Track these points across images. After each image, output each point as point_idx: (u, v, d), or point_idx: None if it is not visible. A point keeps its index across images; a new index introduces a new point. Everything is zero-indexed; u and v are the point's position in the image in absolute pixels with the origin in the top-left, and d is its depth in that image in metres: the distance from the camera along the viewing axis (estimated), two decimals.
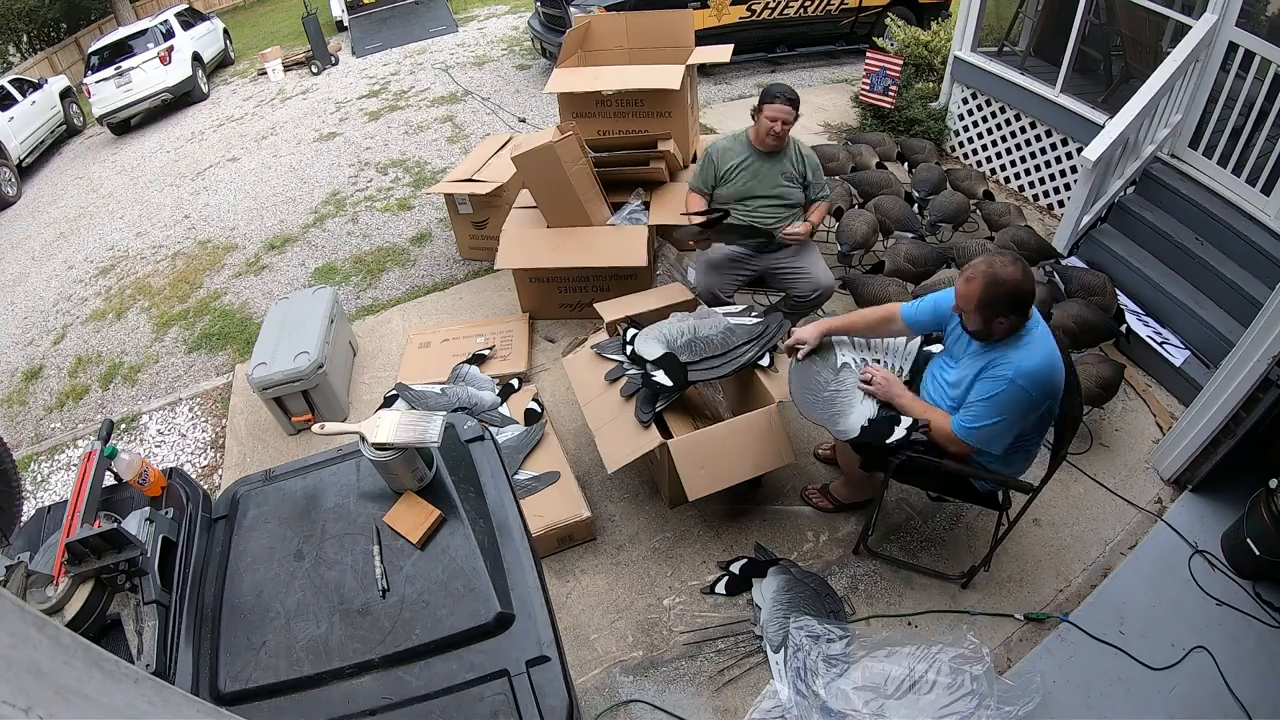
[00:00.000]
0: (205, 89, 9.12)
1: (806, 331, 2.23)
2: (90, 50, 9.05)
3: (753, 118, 2.75)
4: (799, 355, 2.24)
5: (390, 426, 1.36)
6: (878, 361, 2.22)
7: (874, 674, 2.00)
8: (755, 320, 2.55)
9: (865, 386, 2.10)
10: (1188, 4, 3.43)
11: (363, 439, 1.37)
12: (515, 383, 3.11)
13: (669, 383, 2.35)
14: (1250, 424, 2.27)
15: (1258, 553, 2.17)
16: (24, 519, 1.79)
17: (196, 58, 9.11)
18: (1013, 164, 4.45)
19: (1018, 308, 1.80)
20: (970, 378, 1.91)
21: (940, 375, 2.07)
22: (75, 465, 2.63)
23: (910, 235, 3.50)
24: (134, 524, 1.38)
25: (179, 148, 7.47)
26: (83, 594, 1.26)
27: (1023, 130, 4.30)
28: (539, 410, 2.90)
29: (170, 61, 8.58)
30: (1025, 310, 1.82)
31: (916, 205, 3.73)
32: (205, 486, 2.04)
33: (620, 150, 3.52)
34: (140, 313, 4.49)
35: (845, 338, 2.29)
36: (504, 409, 2.95)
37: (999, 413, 1.84)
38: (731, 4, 6.15)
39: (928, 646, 2.04)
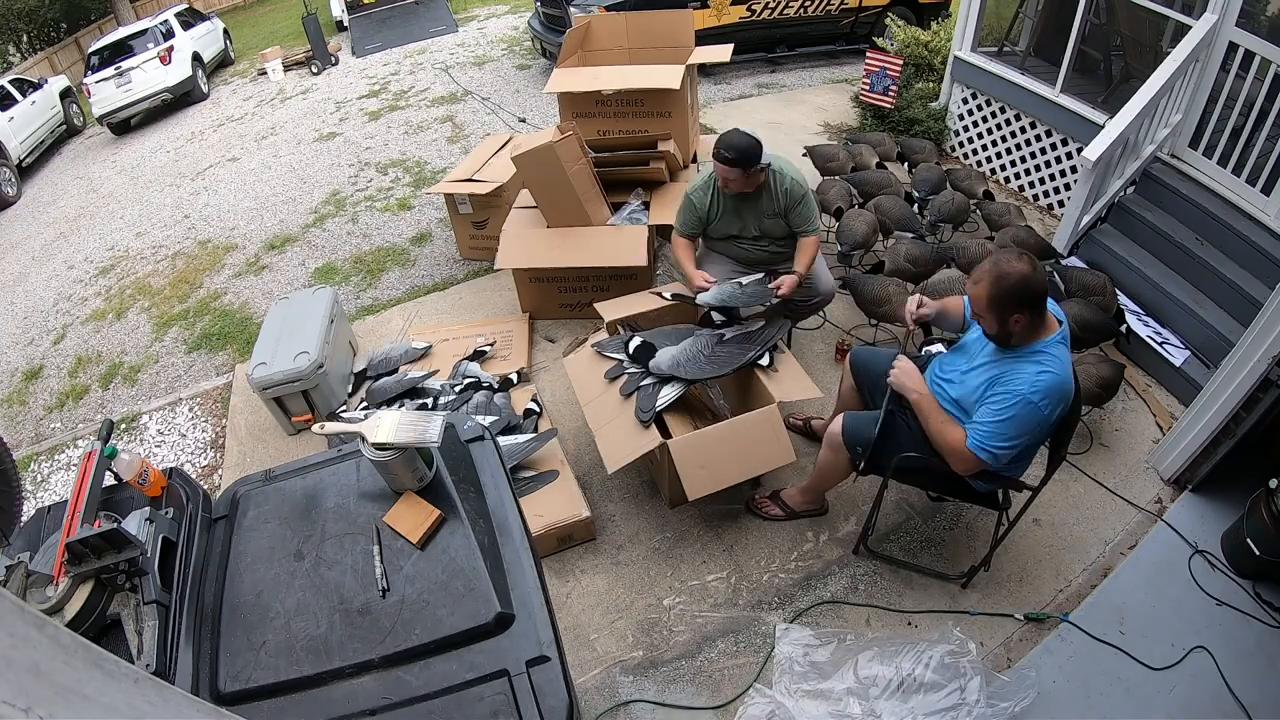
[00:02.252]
0: (205, 89, 9.12)
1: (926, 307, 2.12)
2: (90, 50, 9.05)
3: None
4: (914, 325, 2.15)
5: (390, 426, 1.36)
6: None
7: (863, 675, 2.00)
8: (758, 325, 2.55)
9: (892, 373, 2.03)
10: (1188, 4, 3.43)
11: (363, 439, 1.37)
12: (514, 377, 3.11)
13: (678, 392, 2.38)
14: (1250, 424, 2.27)
15: (1258, 553, 2.17)
16: (24, 519, 1.80)
17: (196, 58, 9.11)
18: (1013, 164, 4.45)
19: (1031, 303, 1.74)
20: (982, 385, 1.86)
21: (941, 374, 2.05)
22: (75, 465, 2.63)
23: (910, 235, 3.50)
24: (134, 524, 1.38)
25: (179, 148, 7.47)
26: (83, 594, 1.26)
27: (1023, 130, 4.30)
28: (538, 410, 2.90)
29: (170, 61, 8.58)
30: (1039, 306, 1.77)
31: (916, 205, 3.73)
32: (205, 486, 2.04)
33: (620, 150, 3.52)
34: (140, 313, 4.49)
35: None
36: (503, 400, 2.97)
37: (1015, 433, 1.79)
38: (731, 4, 6.15)
39: (915, 645, 2.04)
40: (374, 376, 3.23)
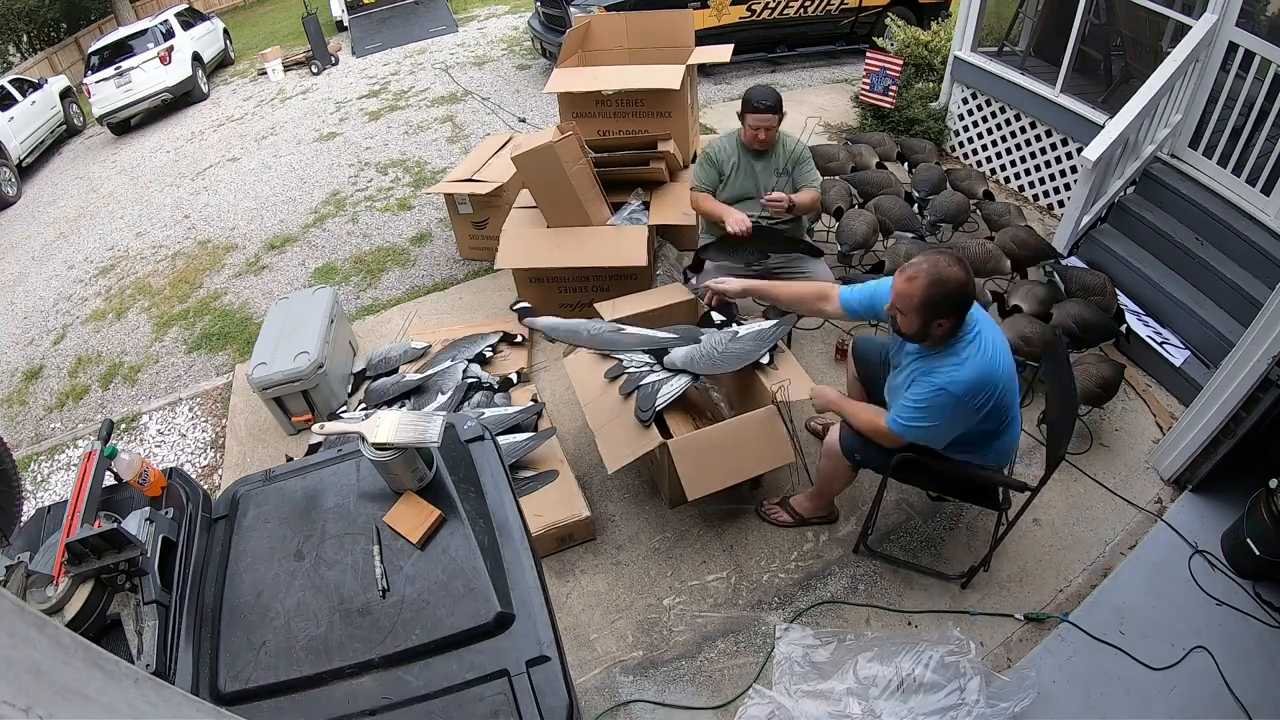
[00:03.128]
0: (205, 89, 9.11)
1: (730, 285, 2.39)
2: (90, 50, 9.05)
3: (740, 120, 2.76)
4: (710, 301, 2.45)
5: (390, 426, 1.36)
6: None
7: (863, 675, 2.00)
8: (770, 324, 2.55)
9: (814, 401, 2.25)
10: (1188, 4, 3.43)
11: (363, 439, 1.37)
12: (514, 377, 3.11)
13: (678, 391, 2.39)
14: (1250, 424, 2.27)
15: (1258, 553, 2.17)
16: (24, 519, 1.80)
17: (196, 58, 9.11)
18: (1013, 164, 4.45)
19: (959, 310, 1.76)
20: (907, 381, 1.91)
21: (889, 382, 2.08)
22: (75, 465, 2.62)
23: (910, 235, 3.50)
24: (134, 524, 1.38)
25: (179, 148, 7.47)
26: (83, 594, 1.26)
27: (1023, 130, 4.30)
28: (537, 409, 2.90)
29: (170, 61, 8.57)
30: (964, 313, 1.79)
31: (916, 205, 3.73)
32: (205, 486, 2.04)
33: (620, 150, 3.51)
34: (140, 313, 4.49)
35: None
36: (502, 400, 2.98)
37: (933, 418, 1.84)
38: (731, 4, 6.15)
39: (915, 645, 2.04)
40: (373, 376, 3.23)
